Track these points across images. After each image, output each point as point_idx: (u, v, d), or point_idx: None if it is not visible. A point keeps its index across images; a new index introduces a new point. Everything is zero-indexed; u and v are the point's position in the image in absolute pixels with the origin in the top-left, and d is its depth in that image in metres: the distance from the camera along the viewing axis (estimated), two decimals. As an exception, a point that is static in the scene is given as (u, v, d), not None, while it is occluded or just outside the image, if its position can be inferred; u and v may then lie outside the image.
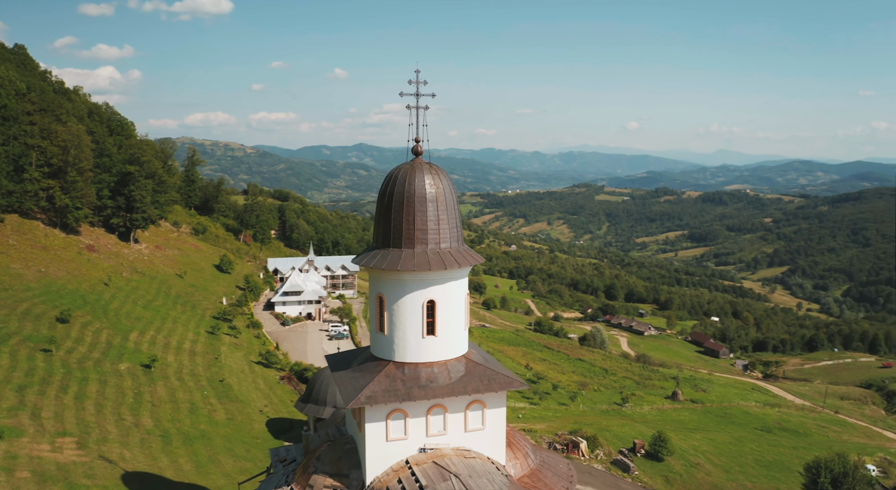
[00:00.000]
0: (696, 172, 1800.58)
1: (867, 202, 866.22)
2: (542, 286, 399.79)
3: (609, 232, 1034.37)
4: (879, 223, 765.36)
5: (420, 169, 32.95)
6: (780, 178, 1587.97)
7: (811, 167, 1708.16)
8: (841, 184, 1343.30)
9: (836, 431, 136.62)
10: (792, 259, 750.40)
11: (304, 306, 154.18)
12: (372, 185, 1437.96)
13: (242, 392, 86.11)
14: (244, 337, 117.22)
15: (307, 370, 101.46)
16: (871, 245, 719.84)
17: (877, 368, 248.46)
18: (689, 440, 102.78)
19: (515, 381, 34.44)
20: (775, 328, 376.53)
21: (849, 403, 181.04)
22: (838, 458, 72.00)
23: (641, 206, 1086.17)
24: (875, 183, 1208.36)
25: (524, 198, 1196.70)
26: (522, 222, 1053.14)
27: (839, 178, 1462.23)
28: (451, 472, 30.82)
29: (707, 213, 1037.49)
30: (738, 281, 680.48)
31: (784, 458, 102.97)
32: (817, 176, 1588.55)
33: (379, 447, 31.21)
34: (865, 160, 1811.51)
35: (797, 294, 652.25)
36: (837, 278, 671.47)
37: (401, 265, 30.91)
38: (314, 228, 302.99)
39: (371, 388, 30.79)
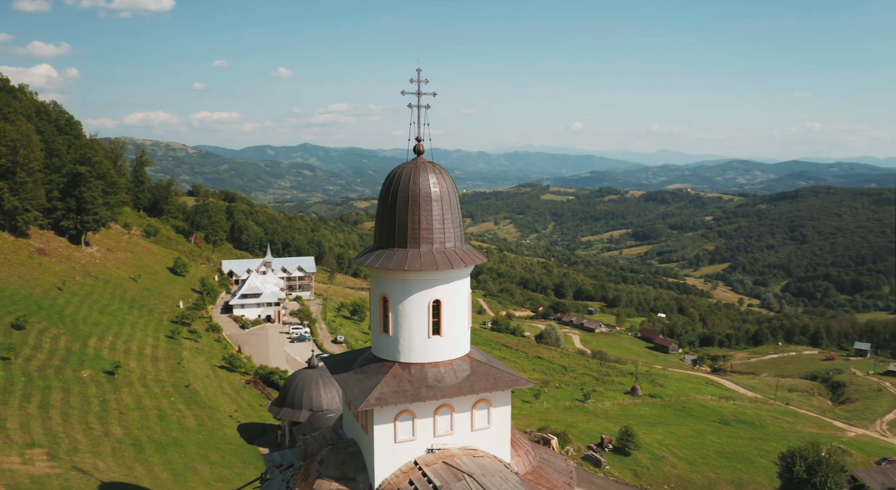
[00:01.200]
0: (639, 172, 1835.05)
1: (803, 200, 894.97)
2: (493, 285, 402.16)
3: (555, 231, 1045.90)
4: (815, 221, 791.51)
5: (424, 168, 32.81)
6: (720, 177, 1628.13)
7: (749, 167, 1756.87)
8: (778, 183, 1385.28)
9: (790, 422, 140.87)
10: (732, 256, 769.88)
11: (263, 309, 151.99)
12: (317, 185, 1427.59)
13: (209, 397, 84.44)
14: (205, 341, 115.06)
15: (273, 374, 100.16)
16: (807, 242, 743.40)
17: (820, 361, 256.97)
18: (653, 434, 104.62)
19: (521, 380, 34.58)
20: (720, 323, 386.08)
21: (797, 395, 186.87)
22: (812, 447, 74.33)
23: (586, 206, 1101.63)
24: (810, 181, 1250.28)
25: (471, 198, 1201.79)
26: (469, 222, 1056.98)
27: (776, 178, 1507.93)
28: (463, 471, 30.71)
29: (650, 212, 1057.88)
30: (681, 278, 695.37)
31: (744, 450, 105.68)
32: (755, 175, 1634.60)
33: (387, 449, 30.90)
34: (801, 160, 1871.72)
35: (738, 290, 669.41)
36: (776, 274, 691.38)
37: (408, 265, 30.66)
38: (263, 230, 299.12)
39: (379, 389, 30.47)
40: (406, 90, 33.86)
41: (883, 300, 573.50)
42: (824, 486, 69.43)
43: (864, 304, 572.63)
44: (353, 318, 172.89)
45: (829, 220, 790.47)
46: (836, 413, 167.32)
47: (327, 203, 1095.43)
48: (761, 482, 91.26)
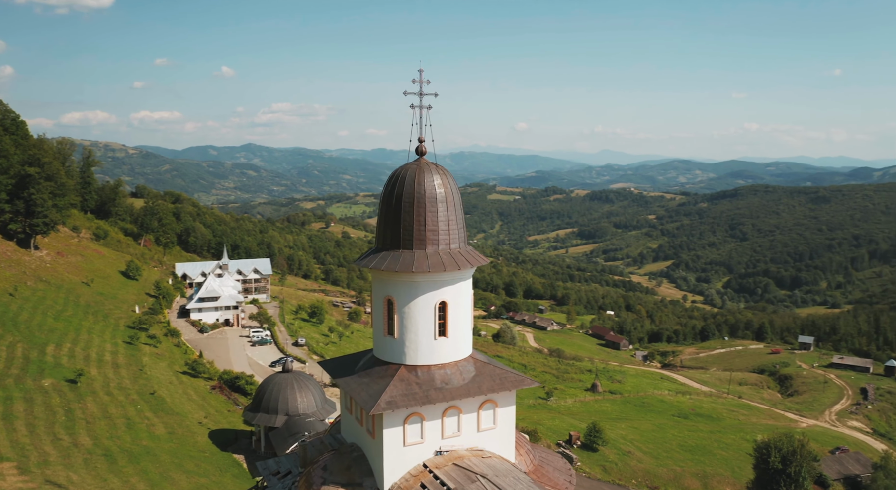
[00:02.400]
0: (583, 172, 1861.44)
1: (743, 199, 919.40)
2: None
3: (502, 230, 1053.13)
4: (755, 218, 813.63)
5: (428, 169, 32.64)
6: (661, 176, 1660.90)
7: (690, 166, 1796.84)
8: (717, 182, 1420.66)
9: (745, 415, 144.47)
10: (676, 254, 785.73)
11: (222, 312, 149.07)
12: (262, 186, 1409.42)
13: (176, 404, 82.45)
14: (164, 346, 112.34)
15: (238, 378, 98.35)
16: (747, 239, 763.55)
17: (766, 355, 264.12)
18: (616, 430, 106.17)
19: (526, 380, 34.74)
20: (668, 320, 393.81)
21: (748, 388, 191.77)
22: (785, 438, 76.49)
23: (532, 205, 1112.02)
24: (749, 180, 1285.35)
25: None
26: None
27: (716, 177, 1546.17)
28: (475, 472, 30.66)
29: (595, 211, 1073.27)
30: (626, 275, 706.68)
31: (704, 443, 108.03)
32: (695, 174, 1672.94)
33: (396, 453, 30.64)
34: (739, 159, 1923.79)
35: (682, 287, 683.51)
36: (718, 271, 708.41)
37: (415, 267, 30.43)
38: (212, 231, 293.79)
39: (389, 392, 30.19)
40: (408, 91, 33.67)
41: (821, 295, 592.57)
42: (798, 475, 71.70)
43: (803, 299, 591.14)
44: (311, 320, 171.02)
45: (768, 217, 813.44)
46: (786, 405, 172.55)
47: (272, 204, 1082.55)
48: (724, 474, 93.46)
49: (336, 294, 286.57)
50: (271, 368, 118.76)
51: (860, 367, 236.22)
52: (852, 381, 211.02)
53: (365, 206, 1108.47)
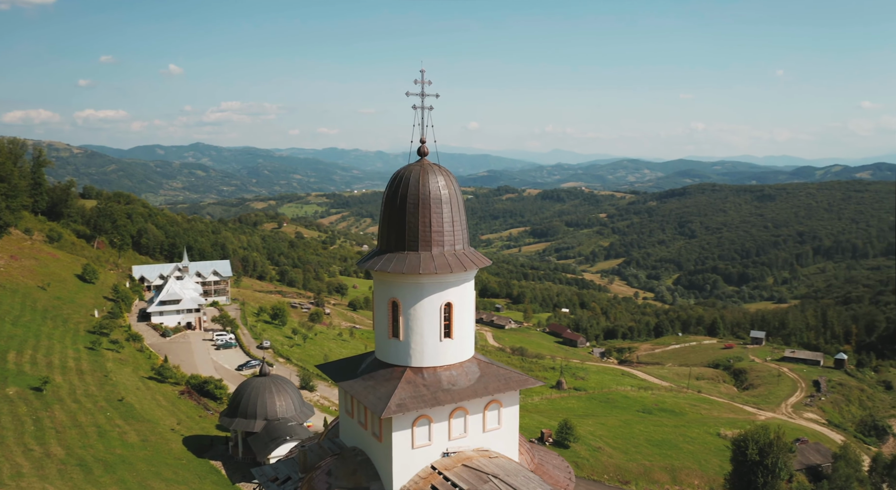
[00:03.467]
0: (534, 171, 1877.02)
1: (691, 197, 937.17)
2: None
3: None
4: (702, 216, 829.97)
5: (432, 170, 32.56)
6: (611, 175, 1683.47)
7: (638, 165, 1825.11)
8: (666, 180, 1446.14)
9: (707, 408, 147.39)
10: (626, 251, 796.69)
11: (184, 315, 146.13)
12: (211, 186, 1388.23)
13: (146, 411, 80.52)
14: (127, 351, 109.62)
15: (207, 383, 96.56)
16: (696, 237, 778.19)
17: (720, 350, 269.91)
18: (584, 426, 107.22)
19: (530, 380, 34.92)
20: (622, 317, 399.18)
21: (705, 383, 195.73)
22: (762, 431, 78.26)
23: (485, 204, 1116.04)
24: (696, 179, 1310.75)
25: (370, 197, 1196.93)
26: (369, 222, 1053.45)
27: (664, 176, 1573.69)
28: (486, 472, 30.68)
29: (547, 210, 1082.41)
30: (579, 273, 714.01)
31: (670, 437, 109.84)
32: (644, 173, 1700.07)
33: (405, 455, 30.48)
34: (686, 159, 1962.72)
35: (633, 284, 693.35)
36: (668, 268, 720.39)
37: (423, 268, 30.30)
38: (164, 233, 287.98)
39: (398, 395, 30.03)
40: (410, 91, 33.59)
41: (767, 291, 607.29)
42: (775, 466, 73.54)
43: (751, 294, 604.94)
44: (273, 322, 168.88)
45: (715, 215, 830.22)
46: (743, 399, 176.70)
47: (222, 204, 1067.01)
48: (692, 467, 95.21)
49: (293, 295, 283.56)
50: (238, 372, 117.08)
51: (811, 360, 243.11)
52: (804, 374, 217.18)
53: (317, 206, 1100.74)
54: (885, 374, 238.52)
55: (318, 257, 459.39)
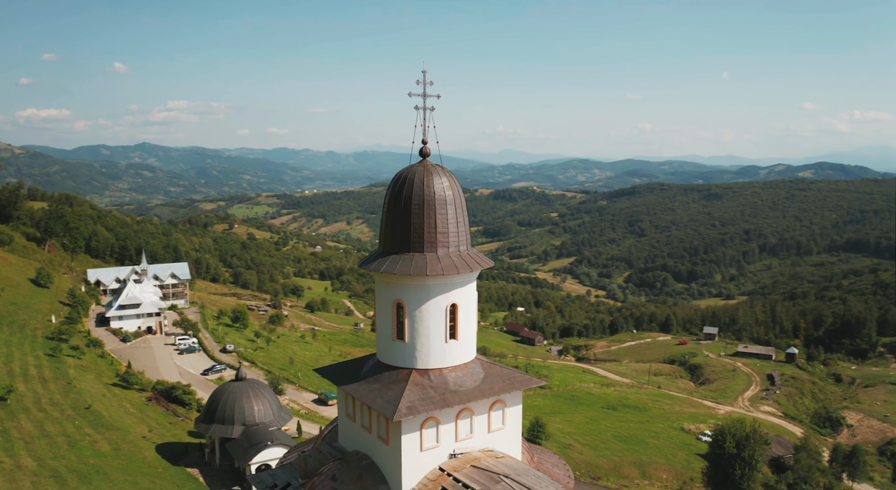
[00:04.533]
0: (486, 171, 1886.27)
1: (640, 196, 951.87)
2: (357, 286, 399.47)
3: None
4: (652, 215, 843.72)
5: (435, 171, 32.46)
6: (561, 175, 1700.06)
7: (588, 165, 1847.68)
8: (615, 180, 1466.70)
9: (668, 404, 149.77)
10: (578, 250, 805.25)
11: (144, 320, 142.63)
12: (158, 186, 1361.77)
13: (115, 418, 78.31)
14: (88, 357, 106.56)
15: (175, 389, 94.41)
16: (645, 235, 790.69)
17: (675, 346, 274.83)
18: (553, 423, 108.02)
19: (533, 379, 35.06)
20: (577, 315, 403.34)
21: (664, 379, 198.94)
22: (739, 424, 79.93)
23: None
24: (644, 179, 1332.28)
25: (322, 198, 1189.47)
26: (321, 223, 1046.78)
27: (613, 175, 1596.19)
28: (497, 472, 30.64)
29: (499, 210, 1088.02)
30: (532, 272, 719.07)
31: (636, 432, 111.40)
32: (594, 173, 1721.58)
33: (413, 458, 30.30)
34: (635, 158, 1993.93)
35: (585, 282, 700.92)
36: (619, 266, 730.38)
37: (430, 269, 30.15)
38: (115, 235, 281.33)
39: (407, 398, 29.82)
40: (413, 92, 33.42)
41: (716, 287, 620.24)
42: (752, 458, 75.27)
43: (700, 291, 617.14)
44: (235, 325, 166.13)
45: (664, 214, 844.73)
46: (701, 393, 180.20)
47: (170, 205, 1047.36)
48: (659, 462, 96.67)
49: (248, 297, 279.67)
50: (204, 377, 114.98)
51: (763, 354, 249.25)
52: (758, 368, 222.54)
53: (268, 207, 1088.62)
54: (834, 367, 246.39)
55: (271, 259, 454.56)
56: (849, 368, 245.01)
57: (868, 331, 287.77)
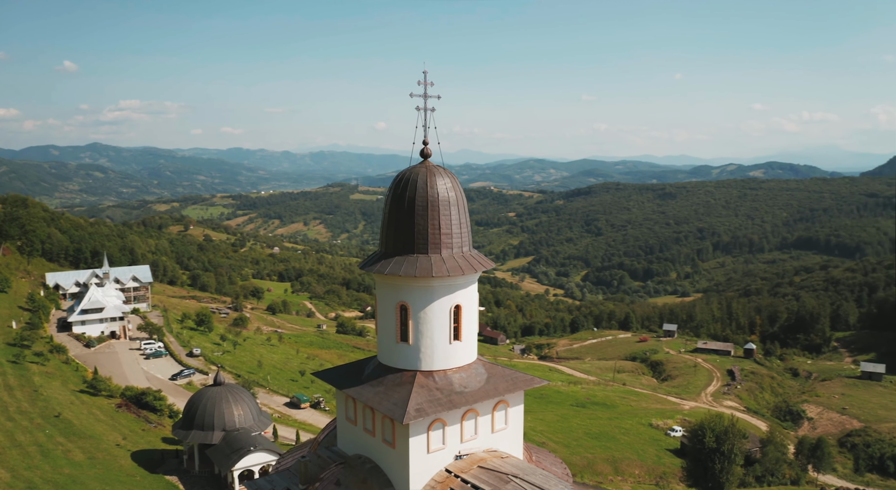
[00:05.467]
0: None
1: (596, 196, 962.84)
2: (318, 287, 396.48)
3: (366, 230, 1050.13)
4: (608, 214, 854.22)
5: (437, 172, 32.46)
6: (518, 175, 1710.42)
7: (544, 165, 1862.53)
8: (571, 180, 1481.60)
9: (635, 400, 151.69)
10: (536, 249, 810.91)
11: (107, 324, 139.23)
12: (110, 188, 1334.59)
13: (86, 426, 76.32)
14: (53, 364, 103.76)
15: (145, 395, 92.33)
16: (602, 234, 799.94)
17: (635, 343, 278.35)
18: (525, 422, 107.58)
19: (535, 379, 35.23)
20: (538, 313, 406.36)
21: (627, 376, 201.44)
22: (717, 419, 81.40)
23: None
24: (600, 178, 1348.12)
25: (278, 198, 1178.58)
26: (278, 223, 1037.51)
27: (569, 175, 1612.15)
28: (504, 473, 30.69)
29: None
30: (490, 272, 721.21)
31: (606, 429, 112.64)
32: (550, 173, 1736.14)
33: (421, 460, 30.19)
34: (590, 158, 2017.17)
35: (543, 281, 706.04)
36: (576, 265, 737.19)
37: (435, 271, 30.08)
38: (69, 238, 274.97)
39: (415, 400, 29.70)
40: (414, 92, 33.35)
41: (671, 285, 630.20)
42: (731, 452, 76.78)
43: (655, 289, 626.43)
44: (199, 329, 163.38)
45: (620, 213, 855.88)
46: (665, 389, 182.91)
47: (123, 207, 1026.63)
48: (631, 458, 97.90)
49: (208, 300, 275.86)
50: (173, 382, 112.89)
51: (722, 350, 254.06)
52: (718, 363, 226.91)
53: (223, 208, 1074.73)
54: (790, 361, 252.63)
55: (229, 260, 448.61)
56: (805, 363, 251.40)
57: (822, 326, 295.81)
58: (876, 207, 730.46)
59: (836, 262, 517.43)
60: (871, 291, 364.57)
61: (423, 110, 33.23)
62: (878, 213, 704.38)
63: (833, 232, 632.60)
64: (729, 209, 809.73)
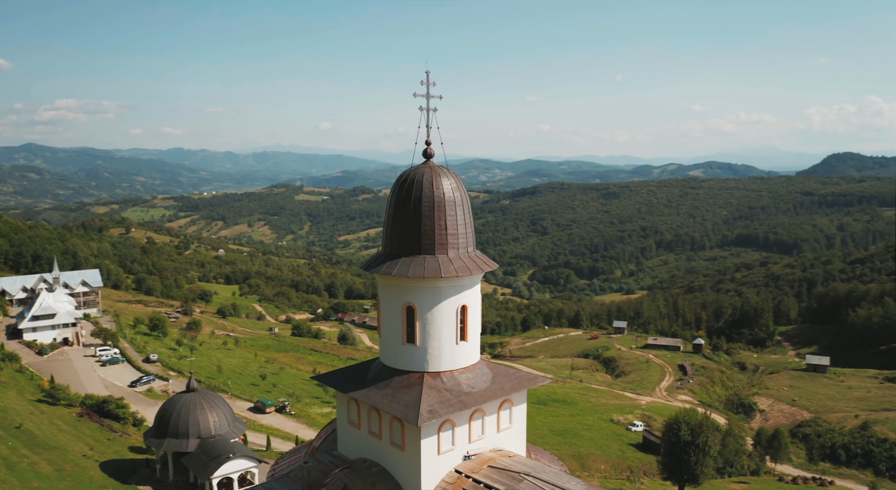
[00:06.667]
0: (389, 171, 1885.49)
1: (541, 196, 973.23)
2: (267, 289, 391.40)
3: (311, 231, 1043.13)
4: (553, 214, 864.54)
5: (441, 172, 32.50)
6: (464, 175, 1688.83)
7: (489, 165, 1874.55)
8: (516, 180, 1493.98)
9: (594, 396, 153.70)
10: (483, 249, 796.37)
11: (60, 331, 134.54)
12: (46, 189, 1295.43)
13: (49, 437, 73.58)
14: (7, 373, 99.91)
15: (107, 403, 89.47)
16: (548, 233, 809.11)
17: (587, 340, 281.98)
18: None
19: (539, 378, 35.54)
20: (488, 312, 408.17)
21: (582, 373, 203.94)
22: (692, 413, 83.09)
23: (341, 205, 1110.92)
24: (544, 178, 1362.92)
25: (221, 200, 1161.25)
26: (221, 225, 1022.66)
27: (514, 175, 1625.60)
28: (517, 471, 30.78)
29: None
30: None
31: (569, 426, 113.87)
32: (495, 173, 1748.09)
33: (432, 462, 30.12)
34: (534, 159, 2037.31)
35: (491, 281, 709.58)
36: (523, 264, 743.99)
37: (444, 272, 30.08)
38: (8, 241, 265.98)
39: (426, 401, 29.63)
40: (417, 92, 33.28)
41: (616, 283, 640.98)
42: (706, 445, 78.59)
43: (601, 287, 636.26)
44: (153, 333, 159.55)
45: (565, 213, 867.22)
46: (621, 385, 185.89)
47: (60, 209, 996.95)
48: (596, 453, 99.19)
49: (155, 304, 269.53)
50: (132, 389, 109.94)
51: (672, 346, 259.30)
52: (669, 359, 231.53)
53: (164, 210, 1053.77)
54: (737, 356, 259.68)
55: (173, 263, 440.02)
56: (751, 357, 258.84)
57: (765, 320, 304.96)
58: (812, 205, 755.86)
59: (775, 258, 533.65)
60: (810, 286, 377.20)
61: (426, 110, 33.12)
62: (814, 211, 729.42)
63: (771, 229, 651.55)
64: (671, 208, 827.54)
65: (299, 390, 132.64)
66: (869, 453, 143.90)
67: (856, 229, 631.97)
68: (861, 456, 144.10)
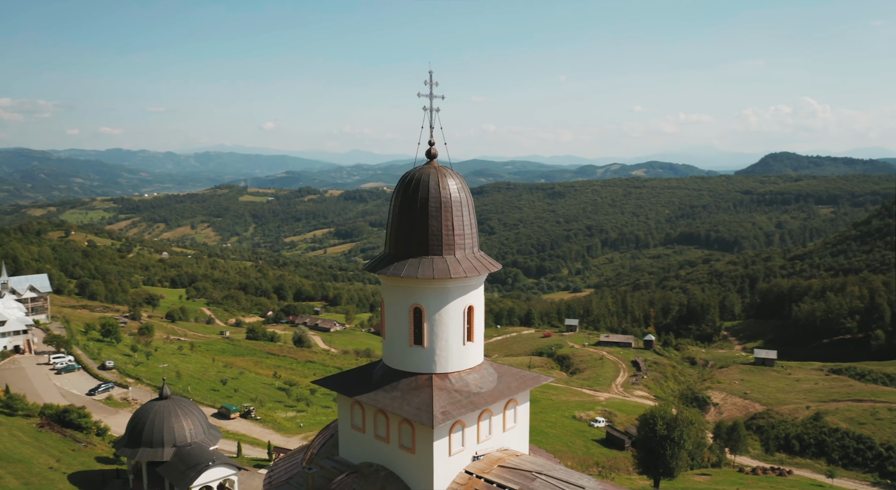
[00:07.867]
0: (334, 172, 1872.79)
1: (488, 196, 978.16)
2: (215, 292, 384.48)
3: (256, 233, 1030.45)
4: (500, 213, 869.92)
5: (446, 173, 32.57)
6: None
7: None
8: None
9: (554, 394, 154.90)
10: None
11: (10, 338, 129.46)
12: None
13: (11, 449, 70.71)
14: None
15: (68, 412, 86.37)
16: (495, 233, 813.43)
17: (540, 338, 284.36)
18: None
19: (542, 377, 35.72)
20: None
21: (539, 371, 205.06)
22: (667, 406, 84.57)
23: (287, 206, 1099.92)
24: (490, 178, 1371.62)
25: (163, 201, 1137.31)
26: (164, 227, 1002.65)
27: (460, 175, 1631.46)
28: (528, 470, 30.89)
29: (350, 211, 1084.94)
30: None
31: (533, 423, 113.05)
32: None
33: (443, 464, 30.04)
34: (480, 159, 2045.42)
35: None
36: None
37: (452, 272, 30.01)
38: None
39: (438, 403, 29.54)
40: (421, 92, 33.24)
41: (564, 281, 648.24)
42: (681, 438, 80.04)
43: (549, 285, 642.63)
44: (107, 339, 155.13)
45: (512, 212, 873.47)
46: (577, 383, 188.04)
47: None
48: (563, 450, 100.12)
49: (101, 309, 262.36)
50: (91, 397, 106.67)
51: (624, 342, 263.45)
52: (621, 355, 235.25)
53: (104, 212, 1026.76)
54: (686, 351, 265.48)
55: (116, 267, 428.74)
56: (700, 352, 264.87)
57: (712, 316, 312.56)
58: (751, 204, 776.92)
59: (717, 255, 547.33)
60: (753, 282, 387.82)
61: (429, 110, 33.07)
62: (753, 209, 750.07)
63: (713, 227, 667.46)
64: (615, 207, 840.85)
65: (262, 394, 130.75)
66: (822, 443, 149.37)
67: (793, 227, 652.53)
68: (814, 446, 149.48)
